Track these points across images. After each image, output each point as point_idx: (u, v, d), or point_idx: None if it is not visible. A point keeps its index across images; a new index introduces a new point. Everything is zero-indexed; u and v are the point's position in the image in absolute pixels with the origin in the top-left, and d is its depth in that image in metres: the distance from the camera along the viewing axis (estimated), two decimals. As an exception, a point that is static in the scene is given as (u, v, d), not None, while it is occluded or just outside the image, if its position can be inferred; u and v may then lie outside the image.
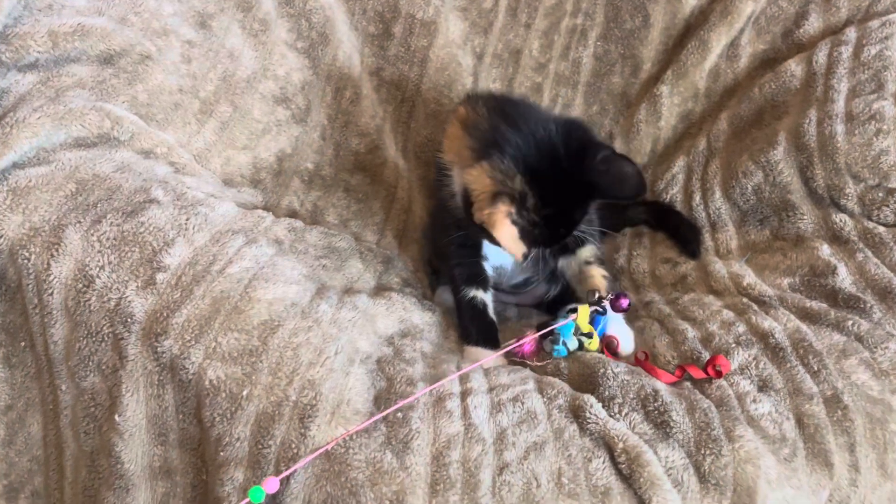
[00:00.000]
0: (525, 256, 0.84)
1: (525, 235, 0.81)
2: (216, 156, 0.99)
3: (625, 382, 0.75)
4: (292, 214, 1.03)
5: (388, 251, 1.06)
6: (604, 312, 0.85)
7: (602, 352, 0.84)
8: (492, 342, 0.89)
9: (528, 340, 0.84)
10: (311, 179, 1.08)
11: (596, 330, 0.86)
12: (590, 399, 0.73)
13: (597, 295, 0.86)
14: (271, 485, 0.63)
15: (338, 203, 1.09)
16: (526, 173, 0.80)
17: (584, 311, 0.83)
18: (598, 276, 0.94)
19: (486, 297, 0.94)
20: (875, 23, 1.14)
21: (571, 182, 0.81)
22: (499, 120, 0.85)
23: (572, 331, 0.85)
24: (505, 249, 0.82)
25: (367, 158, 1.14)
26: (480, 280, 0.94)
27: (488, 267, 0.97)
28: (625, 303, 0.86)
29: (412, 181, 1.22)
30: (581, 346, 0.85)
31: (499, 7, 1.28)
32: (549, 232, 0.83)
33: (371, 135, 1.17)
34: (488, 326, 0.91)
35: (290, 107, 1.10)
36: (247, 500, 0.62)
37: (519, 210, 0.80)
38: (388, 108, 1.24)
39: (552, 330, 0.84)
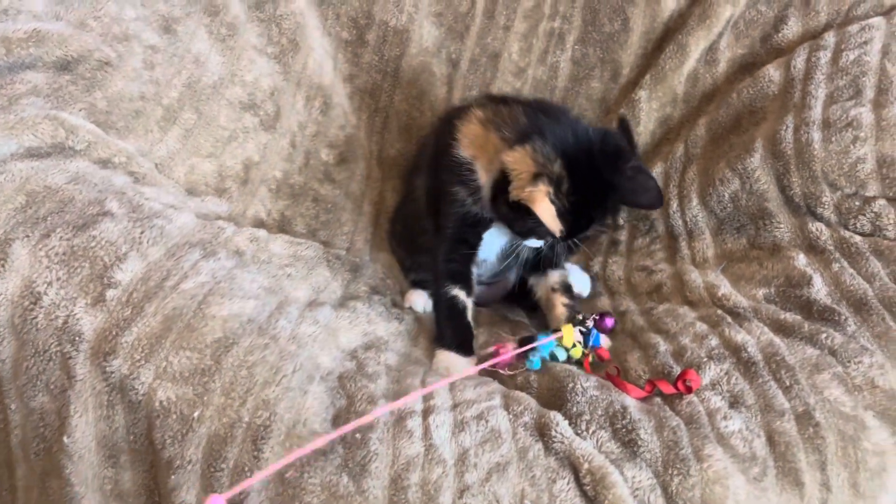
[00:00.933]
0: (562, 234, 0.87)
1: (560, 216, 0.86)
2: (180, 164, 0.96)
3: (593, 398, 0.74)
4: (258, 224, 1.00)
5: (358, 258, 1.03)
6: (588, 332, 0.88)
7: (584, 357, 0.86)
8: (465, 348, 0.88)
9: (508, 358, 0.84)
10: (278, 188, 1.05)
11: (588, 347, 0.87)
12: (556, 416, 0.71)
13: (581, 315, 0.91)
14: None
15: (306, 213, 1.06)
16: (564, 159, 0.85)
17: (567, 332, 0.86)
18: (560, 305, 0.97)
19: (468, 301, 0.93)
20: (854, 27, 1.12)
21: (600, 179, 0.86)
22: (536, 113, 0.91)
23: (550, 349, 0.86)
24: (546, 225, 0.86)
25: (335, 170, 1.12)
26: (465, 281, 0.94)
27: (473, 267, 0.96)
28: (609, 322, 0.90)
29: (384, 191, 1.20)
30: (569, 359, 0.86)
31: (476, 10, 1.26)
32: (572, 221, 0.87)
33: (340, 146, 1.15)
34: (464, 330, 0.91)
35: (258, 113, 1.07)
36: None
37: (556, 192, 0.85)
38: (363, 117, 1.21)
39: (534, 347, 0.85)
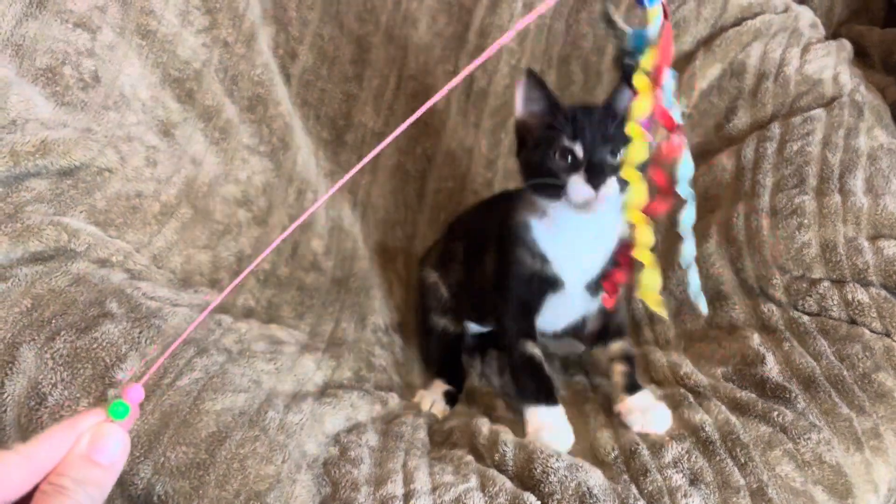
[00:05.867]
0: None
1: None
2: (177, 254, 1.00)
3: (564, 478, 0.79)
4: (249, 312, 1.05)
5: (344, 343, 1.08)
6: None
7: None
8: (551, 398, 0.93)
9: None
10: (266, 279, 1.10)
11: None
12: (529, 497, 0.76)
13: None
14: (135, 393, 0.48)
15: (291, 300, 1.11)
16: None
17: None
18: (618, 374, 0.98)
19: (538, 352, 0.97)
20: (798, 119, 1.22)
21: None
22: None
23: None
24: None
25: (323, 259, 1.18)
26: (535, 338, 0.98)
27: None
28: None
29: (371, 271, 1.27)
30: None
31: (451, 109, 1.36)
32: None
33: (326, 237, 1.21)
34: (547, 381, 0.95)
35: (251, 209, 1.13)
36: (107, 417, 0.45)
37: None
38: (344, 209, 1.29)
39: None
